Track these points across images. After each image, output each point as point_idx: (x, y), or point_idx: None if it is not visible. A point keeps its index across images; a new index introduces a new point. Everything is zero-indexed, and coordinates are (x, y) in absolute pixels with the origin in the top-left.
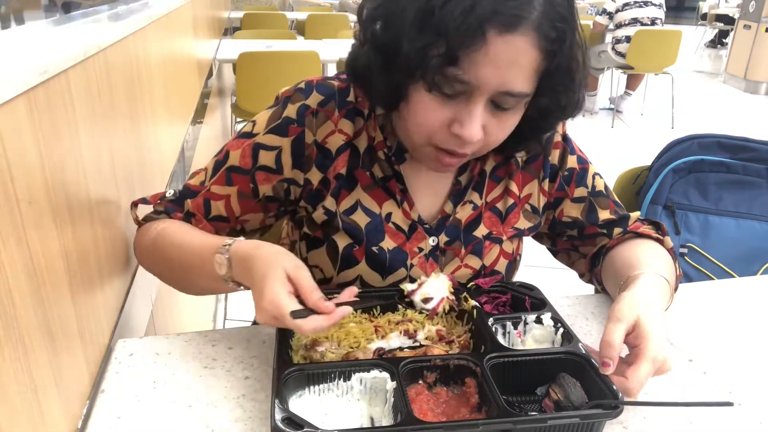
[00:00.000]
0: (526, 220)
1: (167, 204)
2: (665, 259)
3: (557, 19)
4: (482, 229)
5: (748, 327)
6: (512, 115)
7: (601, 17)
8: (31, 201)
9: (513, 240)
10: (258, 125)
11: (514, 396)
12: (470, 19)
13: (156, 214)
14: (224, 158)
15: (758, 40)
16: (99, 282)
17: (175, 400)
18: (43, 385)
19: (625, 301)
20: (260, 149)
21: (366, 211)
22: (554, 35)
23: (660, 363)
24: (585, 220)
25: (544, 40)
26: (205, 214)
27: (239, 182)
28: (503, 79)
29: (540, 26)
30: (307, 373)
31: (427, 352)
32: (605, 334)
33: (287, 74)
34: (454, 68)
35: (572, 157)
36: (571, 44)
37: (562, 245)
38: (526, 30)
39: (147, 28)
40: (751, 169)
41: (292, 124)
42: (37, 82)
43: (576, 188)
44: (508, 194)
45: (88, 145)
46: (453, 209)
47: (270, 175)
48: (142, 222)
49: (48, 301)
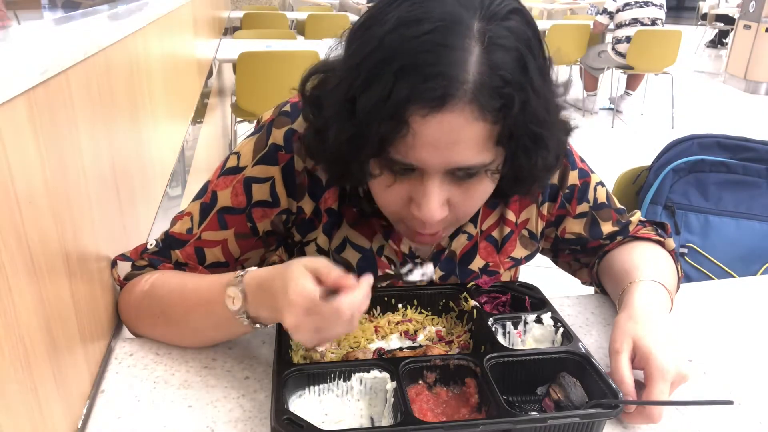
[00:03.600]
0: (522, 248)
1: (151, 257)
2: (663, 261)
3: (500, 86)
4: (478, 261)
5: (748, 327)
6: (479, 184)
7: (602, 17)
8: (31, 201)
9: (510, 270)
10: (244, 157)
11: (514, 396)
12: (387, 107)
13: (138, 269)
14: (212, 200)
15: (758, 40)
16: (99, 282)
17: (175, 400)
18: (43, 385)
19: (619, 327)
20: (252, 183)
21: (355, 248)
22: (498, 104)
23: (674, 376)
24: (588, 236)
25: (485, 110)
26: (200, 262)
27: (235, 223)
28: (446, 158)
29: (476, 98)
30: (307, 373)
31: (427, 352)
32: (612, 372)
33: (287, 74)
34: (390, 152)
35: (573, 173)
36: (524, 106)
37: (564, 258)
38: (457, 106)
39: (147, 28)
40: (751, 169)
41: (279, 150)
42: (37, 82)
43: (578, 205)
44: (504, 222)
45: (88, 145)
46: (449, 242)
47: (267, 210)
48: (124, 282)
49: (48, 301)
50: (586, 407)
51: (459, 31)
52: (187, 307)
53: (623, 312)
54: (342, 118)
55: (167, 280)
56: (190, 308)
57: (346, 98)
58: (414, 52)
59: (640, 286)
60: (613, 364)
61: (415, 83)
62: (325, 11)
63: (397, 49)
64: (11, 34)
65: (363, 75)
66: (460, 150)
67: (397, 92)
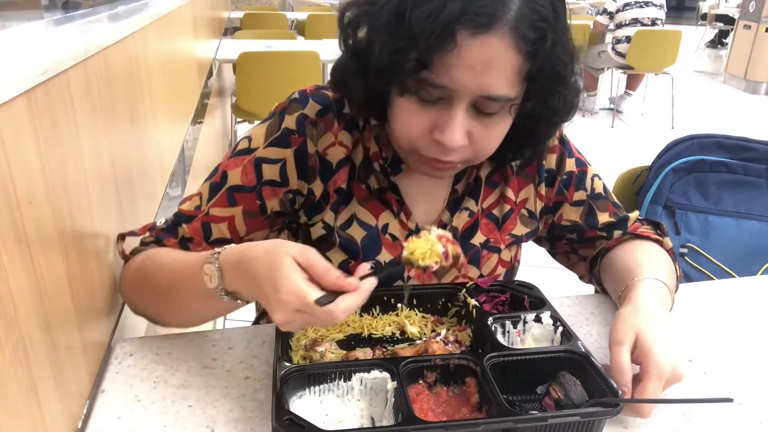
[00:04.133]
0: (523, 226)
1: (158, 232)
2: (664, 260)
3: (537, 19)
4: (479, 236)
5: (748, 327)
6: (499, 121)
7: (602, 17)
8: (31, 201)
9: (511, 247)
10: (255, 140)
11: (515, 395)
12: (439, 21)
13: (144, 245)
14: (222, 179)
15: (758, 40)
16: (99, 281)
17: (175, 400)
18: (43, 385)
19: (623, 319)
20: (263, 163)
21: (362, 225)
22: (533, 36)
23: (669, 374)
24: (584, 224)
25: (522, 41)
26: (205, 237)
27: (244, 201)
28: (480, 83)
29: (517, 27)
30: (308, 373)
31: (427, 347)
32: (612, 362)
33: (287, 74)
34: (427, 72)
35: (570, 161)
36: (554, 45)
37: (561, 248)
38: (501, 30)
39: (147, 28)
40: (751, 169)
41: (292, 134)
42: (37, 82)
43: (575, 192)
44: (505, 200)
45: (88, 145)
46: (450, 218)
47: (276, 189)
48: (129, 256)
49: (48, 301)
50: (587, 406)
51: None
52: (170, 280)
53: (627, 306)
54: (389, 32)
55: (157, 255)
56: (173, 282)
57: (395, 14)
58: None
59: (644, 284)
60: (613, 355)
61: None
62: (325, 11)
63: None
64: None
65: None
66: (495, 78)
67: (451, 6)
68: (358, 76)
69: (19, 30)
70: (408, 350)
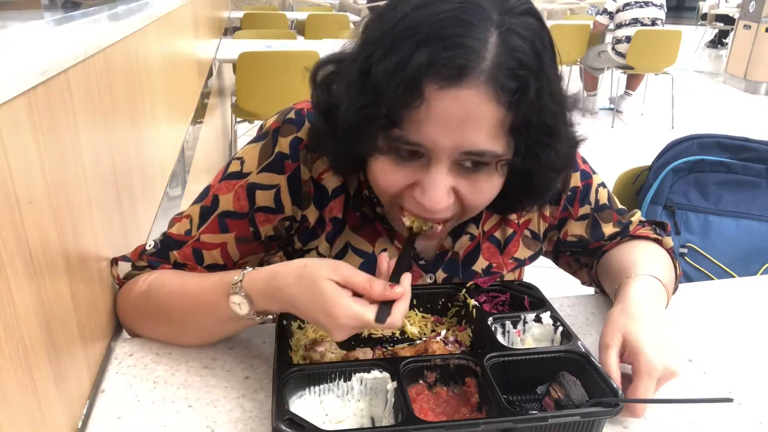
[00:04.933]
0: (526, 248)
1: (150, 258)
2: (660, 257)
3: (516, 68)
4: (481, 261)
5: (748, 327)
6: (487, 176)
7: (602, 17)
8: (31, 201)
9: (514, 271)
10: (248, 163)
11: (515, 395)
12: (405, 74)
13: (137, 270)
14: (213, 203)
15: (758, 40)
16: (99, 281)
17: (175, 400)
18: (43, 385)
19: (611, 321)
20: (256, 189)
21: (357, 253)
22: (513, 85)
23: (661, 372)
24: (590, 238)
25: (501, 91)
26: (197, 262)
27: (236, 228)
28: (458, 138)
29: (494, 77)
30: (308, 373)
31: (427, 347)
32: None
33: (287, 74)
34: (398, 129)
35: (575, 175)
36: (539, 94)
37: (564, 259)
38: (476, 82)
39: (147, 28)
40: (751, 169)
41: (286, 159)
42: (37, 82)
43: (580, 207)
44: (507, 223)
45: (88, 145)
46: (452, 244)
47: (270, 216)
48: (124, 281)
49: (48, 301)
50: (587, 406)
51: (480, 15)
52: (189, 308)
53: (617, 306)
54: (356, 89)
55: (166, 280)
56: (193, 309)
57: (362, 70)
58: (438, 23)
59: (636, 281)
60: (601, 358)
61: (436, 51)
62: (325, 11)
63: (422, 22)
64: (11, 34)
65: (383, 45)
66: (473, 132)
67: (417, 58)
68: (329, 137)
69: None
70: (408, 350)
